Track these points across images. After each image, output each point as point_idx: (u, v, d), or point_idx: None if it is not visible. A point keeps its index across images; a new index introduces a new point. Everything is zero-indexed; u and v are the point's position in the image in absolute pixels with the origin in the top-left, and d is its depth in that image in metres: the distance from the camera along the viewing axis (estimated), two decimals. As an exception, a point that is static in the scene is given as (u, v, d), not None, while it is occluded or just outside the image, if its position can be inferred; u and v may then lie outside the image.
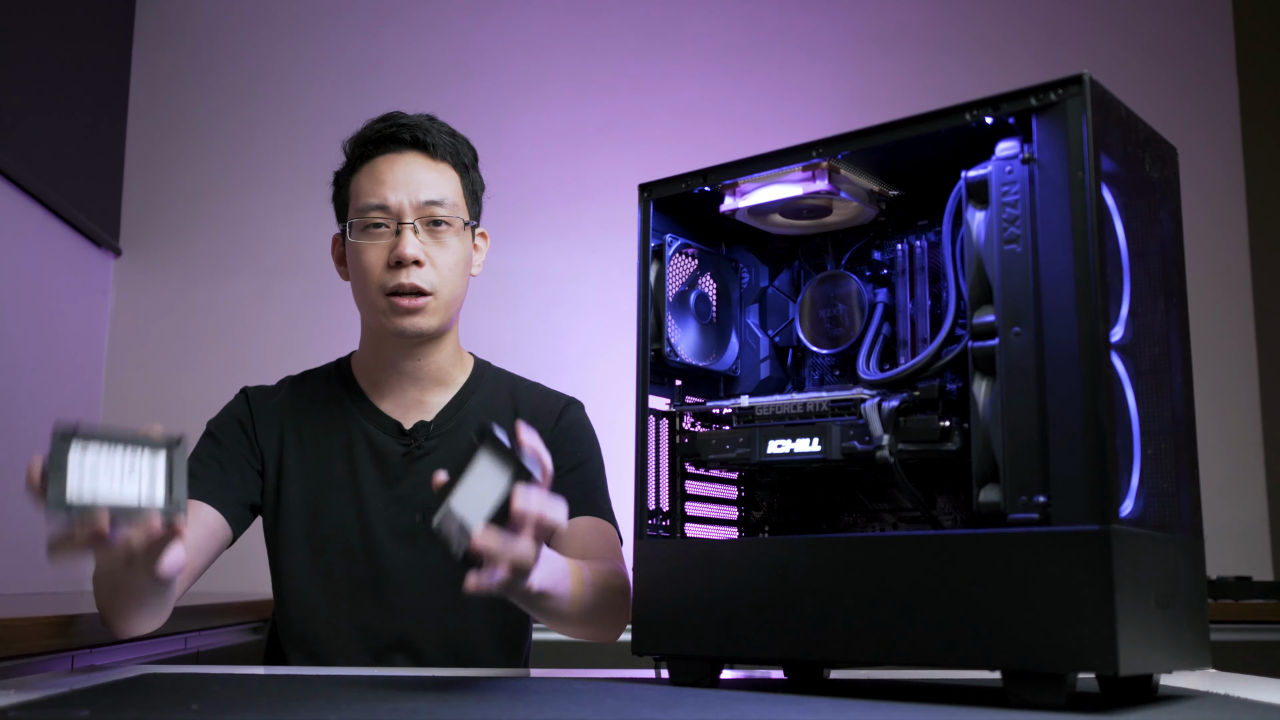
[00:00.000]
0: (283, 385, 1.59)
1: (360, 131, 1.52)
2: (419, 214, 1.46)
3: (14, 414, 2.51)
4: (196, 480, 1.43)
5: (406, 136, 1.48)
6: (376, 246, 1.45)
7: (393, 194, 1.45)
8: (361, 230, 1.46)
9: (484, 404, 1.56)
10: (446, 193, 1.48)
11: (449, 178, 1.50)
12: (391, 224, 1.45)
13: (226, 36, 3.23)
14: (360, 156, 1.50)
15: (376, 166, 1.48)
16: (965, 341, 1.01)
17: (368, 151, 1.49)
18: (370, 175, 1.48)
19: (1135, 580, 0.90)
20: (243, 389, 1.58)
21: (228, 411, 1.55)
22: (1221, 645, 1.25)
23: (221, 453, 1.49)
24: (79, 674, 1.21)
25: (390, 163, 1.48)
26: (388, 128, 1.49)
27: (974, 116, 1.01)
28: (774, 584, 1.06)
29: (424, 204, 1.46)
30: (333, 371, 1.60)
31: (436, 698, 1.00)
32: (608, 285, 3.04)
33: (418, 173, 1.47)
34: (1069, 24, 3.35)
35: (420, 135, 1.48)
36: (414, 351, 1.51)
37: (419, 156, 1.49)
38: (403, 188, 1.46)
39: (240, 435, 1.51)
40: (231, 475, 1.47)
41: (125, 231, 3.10)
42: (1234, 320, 3.20)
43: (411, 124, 1.49)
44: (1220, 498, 2.85)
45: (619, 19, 3.30)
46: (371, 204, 1.46)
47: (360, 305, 1.51)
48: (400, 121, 1.49)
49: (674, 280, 1.24)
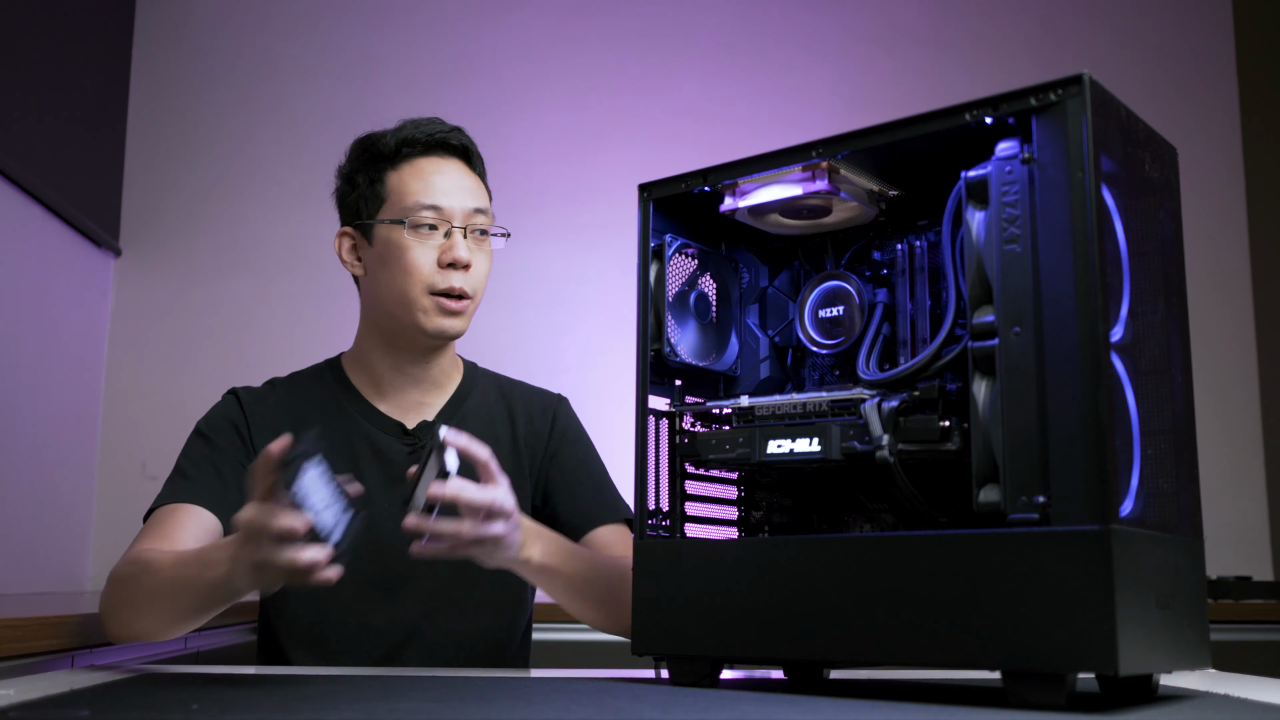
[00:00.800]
0: (274, 387, 1.57)
1: (399, 129, 1.52)
2: (467, 221, 1.49)
3: (14, 414, 2.51)
4: (191, 484, 1.42)
5: (455, 143, 1.52)
6: (426, 246, 1.47)
7: (445, 198, 1.48)
8: (412, 228, 1.47)
9: (480, 404, 1.58)
10: (486, 203, 1.53)
11: (482, 188, 1.55)
12: (441, 226, 1.48)
13: (226, 36, 3.23)
14: (404, 155, 1.51)
15: (422, 168, 1.50)
16: (965, 341, 1.01)
17: (412, 152, 1.51)
18: (417, 175, 1.49)
19: (1135, 580, 0.90)
20: (231, 390, 1.56)
21: (219, 413, 1.53)
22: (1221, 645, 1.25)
23: (215, 455, 1.47)
24: (79, 674, 1.21)
25: (437, 167, 1.51)
26: (438, 132, 1.52)
27: (974, 116, 1.01)
28: (774, 584, 1.06)
29: (473, 212, 1.50)
30: (324, 373, 1.59)
31: (436, 698, 1.00)
32: (608, 285, 3.04)
33: (464, 180, 1.52)
34: (1069, 24, 3.35)
35: (467, 144, 1.54)
36: (426, 355, 1.53)
37: (461, 165, 1.53)
38: (455, 193, 1.49)
39: (234, 437, 1.49)
40: (227, 478, 1.45)
41: (125, 231, 3.10)
42: (1234, 320, 3.20)
43: (455, 131, 1.53)
44: (1220, 498, 2.84)
45: (619, 19, 3.30)
46: (426, 203, 1.48)
47: (391, 302, 1.49)
48: (447, 128, 1.53)
49: (674, 280, 1.24)
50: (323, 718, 0.86)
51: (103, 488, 2.95)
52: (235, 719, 0.85)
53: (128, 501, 1.64)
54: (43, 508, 2.66)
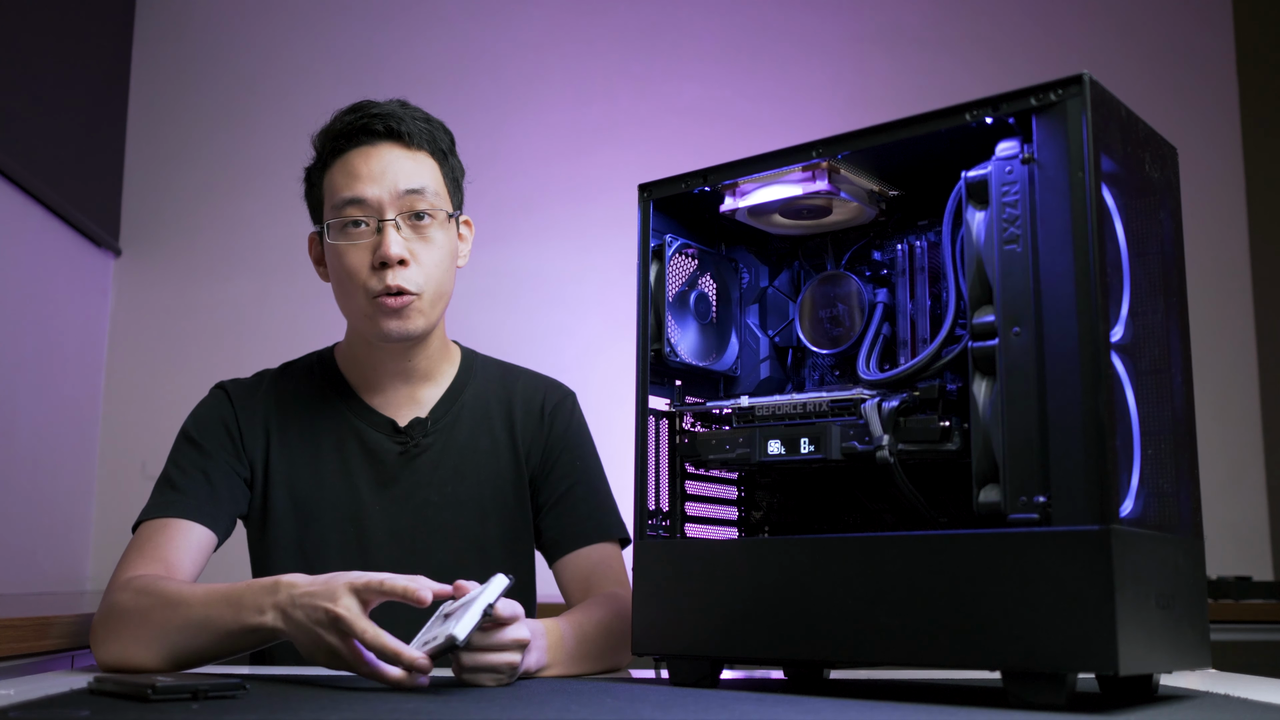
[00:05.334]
0: (262, 379, 1.51)
1: (329, 124, 1.43)
2: (400, 207, 1.38)
3: (14, 414, 2.51)
4: (182, 496, 1.37)
5: (380, 127, 1.40)
6: (358, 248, 1.38)
7: (369, 188, 1.37)
8: (340, 230, 1.39)
9: (477, 396, 1.52)
10: (427, 181, 1.40)
11: (427, 166, 1.42)
12: (372, 221, 1.38)
13: (226, 36, 3.23)
14: (332, 151, 1.41)
15: (350, 160, 1.40)
16: (965, 342, 1.01)
17: (339, 145, 1.41)
18: (344, 170, 1.40)
19: (1135, 580, 0.90)
20: (219, 385, 1.49)
21: (210, 413, 1.46)
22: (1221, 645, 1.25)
23: (206, 462, 1.41)
24: (79, 674, 1.21)
25: (364, 155, 1.39)
26: (359, 119, 1.40)
27: (974, 116, 1.01)
28: (774, 584, 1.06)
29: (404, 194, 1.38)
30: (315, 365, 1.53)
31: (436, 698, 1.00)
32: (608, 285, 3.04)
33: (394, 163, 1.39)
34: (1069, 24, 3.35)
35: (394, 125, 1.40)
36: (403, 353, 1.46)
37: (394, 146, 1.40)
38: (380, 180, 1.38)
39: (226, 441, 1.44)
40: (218, 487, 1.40)
41: (125, 231, 3.10)
42: (1234, 320, 3.20)
43: (384, 113, 1.41)
44: (1220, 498, 2.85)
45: (619, 19, 3.30)
46: (347, 198, 1.37)
47: (344, 309, 1.44)
48: (371, 111, 1.41)
49: (674, 280, 1.24)
50: (323, 718, 0.86)
51: (103, 488, 2.95)
52: (235, 719, 0.85)
53: (127, 501, 1.64)
54: (43, 508, 2.66)
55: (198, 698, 0.94)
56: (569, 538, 1.47)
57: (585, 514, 1.48)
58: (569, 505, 1.49)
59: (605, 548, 1.47)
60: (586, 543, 1.47)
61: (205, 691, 0.94)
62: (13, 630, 1.37)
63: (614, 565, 1.46)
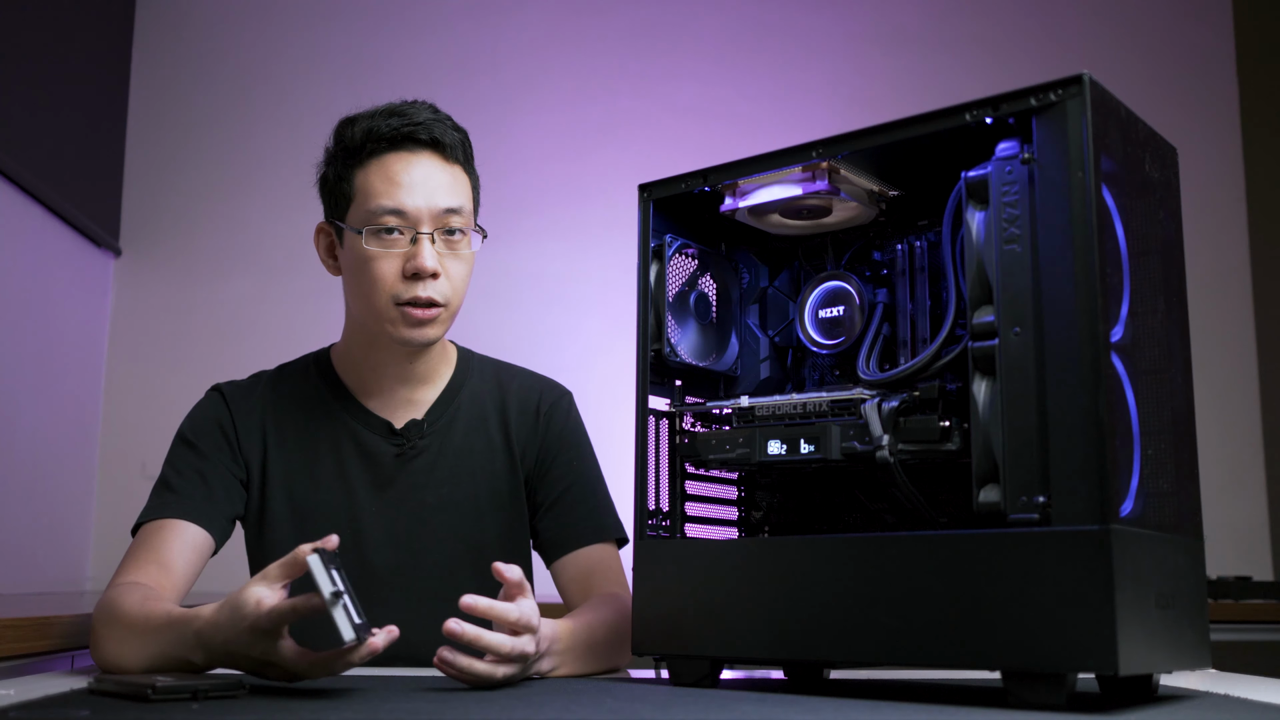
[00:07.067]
0: (258, 381, 1.51)
1: (369, 123, 1.42)
2: (436, 223, 1.38)
3: (14, 414, 2.51)
4: (178, 498, 1.37)
5: (424, 136, 1.40)
6: (390, 256, 1.38)
7: (410, 199, 1.37)
8: (374, 236, 1.38)
9: (473, 397, 1.52)
10: (462, 200, 1.41)
11: (461, 181, 1.43)
12: (408, 231, 1.38)
13: (226, 36, 3.23)
14: (370, 152, 1.40)
15: (389, 166, 1.39)
16: (965, 342, 1.01)
17: (379, 147, 1.40)
18: (383, 175, 1.39)
19: (1135, 580, 0.90)
20: (215, 387, 1.49)
21: (205, 415, 1.46)
22: (1221, 645, 1.25)
23: (202, 464, 1.41)
24: (79, 674, 1.21)
25: (405, 164, 1.39)
26: (404, 125, 1.40)
27: (974, 116, 1.01)
28: (774, 584, 1.06)
29: (443, 212, 1.38)
30: (311, 366, 1.52)
31: (436, 698, 1.00)
32: (608, 285, 3.04)
33: (434, 176, 1.40)
34: (1069, 24, 3.35)
35: (437, 135, 1.41)
36: (407, 356, 1.46)
37: (434, 157, 1.41)
38: (420, 193, 1.38)
39: (222, 443, 1.44)
40: (215, 489, 1.40)
41: (125, 231, 3.10)
42: (1234, 320, 3.20)
43: (427, 122, 1.41)
44: (1220, 498, 2.85)
45: (619, 19, 3.30)
46: (388, 207, 1.37)
47: (361, 310, 1.43)
48: (416, 120, 1.41)
49: (674, 280, 1.24)
50: (323, 718, 0.86)
51: (102, 488, 2.95)
52: (235, 719, 0.85)
53: (127, 501, 1.64)
54: (42, 508, 2.66)
55: (198, 698, 0.94)
56: (567, 539, 1.47)
57: (583, 515, 1.48)
58: (566, 506, 1.48)
59: (603, 548, 1.47)
60: (584, 544, 1.46)
61: (205, 691, 0.95)
62: (13, 630, 1.37)
63: (612, 566, 1.46)
